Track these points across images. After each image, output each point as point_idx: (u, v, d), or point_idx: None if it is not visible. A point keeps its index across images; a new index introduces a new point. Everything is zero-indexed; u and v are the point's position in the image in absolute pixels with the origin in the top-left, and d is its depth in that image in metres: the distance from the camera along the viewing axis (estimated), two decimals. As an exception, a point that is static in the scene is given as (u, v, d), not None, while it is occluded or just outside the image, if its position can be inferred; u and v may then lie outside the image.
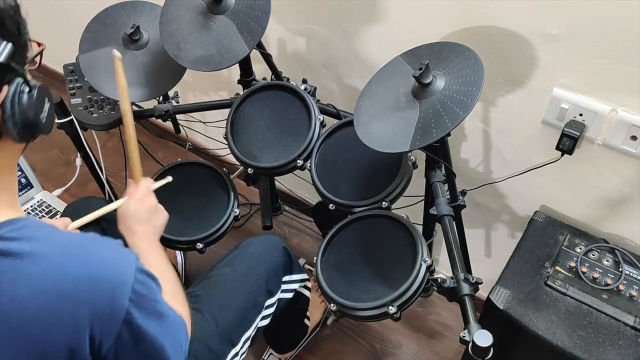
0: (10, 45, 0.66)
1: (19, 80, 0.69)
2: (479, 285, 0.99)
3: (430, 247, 1.19)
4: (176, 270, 1.69)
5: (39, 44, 0.80)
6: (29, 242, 0.68)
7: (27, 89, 0.70)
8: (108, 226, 1.19)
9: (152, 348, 0.77)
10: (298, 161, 1.23)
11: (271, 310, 1.21)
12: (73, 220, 1.09)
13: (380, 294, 1.02)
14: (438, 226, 1.15)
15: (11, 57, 0.66)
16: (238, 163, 1.29)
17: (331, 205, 1.19)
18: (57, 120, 1.40)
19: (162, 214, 1.10)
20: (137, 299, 0.72)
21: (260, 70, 1.40)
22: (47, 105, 0.74)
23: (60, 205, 1.82)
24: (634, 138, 1.04)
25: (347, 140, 1.23)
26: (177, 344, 0.83)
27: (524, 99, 1.15)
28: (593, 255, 1.16)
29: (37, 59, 0.81)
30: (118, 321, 0.71)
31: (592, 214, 1.22)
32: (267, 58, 1.32)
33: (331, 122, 1.29)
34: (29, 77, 0.73)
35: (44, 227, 0.73)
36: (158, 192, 1.37)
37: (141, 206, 1.07)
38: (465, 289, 0.98)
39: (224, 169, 1.41)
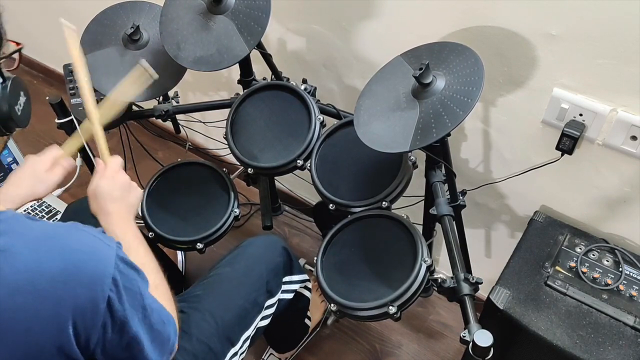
0: None
1: None
2: (479, 285, 0.99)
3: (430, 247, 1.19)
4: (177, 268, 1.69)
5: (17, 44, 0.79)
6: (2, 237, 0.66)
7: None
8: None
9: (135, 341, 0.75)
10: (298, 161, 1.23)
11: (271, 310, 1.21)
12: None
13: (381, 294, 1.02)
14: (438, 226, 1.15)
15: None
16: (238, 163, 1.29)
17: (331, 205, 1.19)
18: (57, 120, 1.40)
19: (136, 190, 1.04)
20: (118, 290, 0.70)
21: (260, 70, 1.40)
22: (22, 99, 0.73)
23: (60, 205, 1.82)
24: (634, 138, 1.04)
25: (347, 140, 1.23)
26: (165, 339, 0.81)
27: (524, 99, 1.15)
28: (593, 255, 1.16)
29: (16, 57, 0.81)
30: (100, 313, 0.69)
31: (592, 214, 1.22)
32: (267, 58, 1.32)
33: (331, 122, 1.29)
34: (3, 69, 0.72)
35: (17, 220, 0.70)
36: (156, 191, 1.38)
37: (113, 183, 0.99)
38: (465, 289, 0.98)
39: (224, 169, 1.41)
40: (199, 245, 1.29)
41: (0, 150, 0.77)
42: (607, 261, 1.15)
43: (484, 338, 0.86)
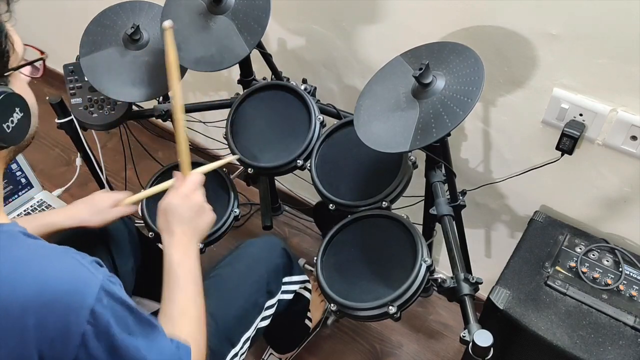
0: None
1: None
2: (479, 285, 0.99)
3: (430, 247, 1.20)
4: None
5: (42, 52, 0.77)
6: None
7: None
8: (110, 232, 1.19)
9: None
10: (298, 161, 1.23)
11: (271, 311, 1.21)
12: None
13: (380, 294, 1.02)
14: (438, 226, 1.15)
15: None
16: (238, 163, 1.29)
17: (331, 205, 1.19)
18: (57, 120, 1.40)
19: (208, 215, 1.00)
20: (97, 325, 0.65)
21: (260, 70, 1.40)
22: (16, 115, 0.69)
23: (61, 206, 1.82)
24: (634, 138, 1.04)
25: (347, 140, 1.23)
26: None
27: (524, 99, 1.15)
28: (593, 255, 1.16)
29: (40, 66, 0.79)
30: (72, 347, 0.64)
31: (592, 214, 1.22)
32: (267, 58, 1.32)
33: (331, 122, 1.29)
34: (11, 84, 0.70)
35: (10, 236, 0.68)
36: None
37: (185, 203, 0.96)
38: (465, 289, 0.98)
39: (224, 169, 1.40)
40: (199, 245, 1.29)
41: (6, 164, 0.76)
42: (607, 261, 1.15)
43: (484, 338, 0.86)
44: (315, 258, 1.13)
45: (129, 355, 0.71)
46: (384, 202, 1.13)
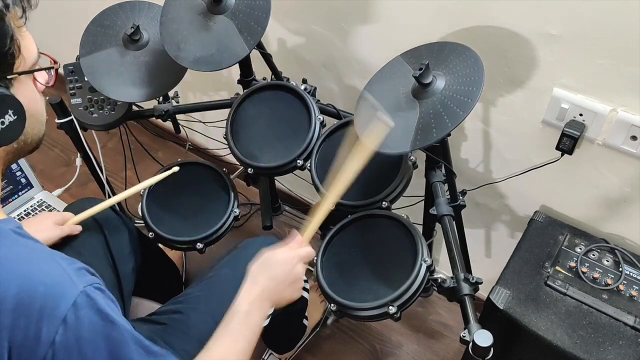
0: None
1: None
2: (479, 285, 0.99)
3: (430, 247, 1.20)
4: (177, 268, 1.69)
5: (55, 61, 0.78)
6: None
7: None
8: (109, 232, 1.19)
9: None
10: (298, 161, 1.23)
11: (269, 311, 1.20)
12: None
13: (381, 294, 1.02)
14: (438, 226, 1.15)
15: None
16: (238, 163, 1.29)
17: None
18: (57, 120, 1.40)
19: (297, 290, 0.98)
20: (66, 334, 0.63)
21: (260, 70, 1.40)
22: (8, 117, 0.70)
23: (60, 205, 1.82)
24: (634, 138, 1.04)
25: (347, 140, 1.23)
26: None
27: (524, 99, 1.15)
28: (593, 255, 1.16)
29: (52, 74, 0.79)
30: (39, 354, 0.62)
31: (592, 214, 1.22)
32: (267, 58, 1.32)
33: (331, 122, 1.29)
34: (14, 87, 0.71)
35: (1, 234, 0.68)
36: (156, 191, 1.37)
37: (286, 264, 0.94)
38: (465, 288, 0.98)
39: (224, 169, 1.41)
40: (199, 245, 1.29)
41: (5, 165, 0.76)
42: (607, 261, 1.15)
43: (484, 338, 0.87)
44: (315, 258, 1.13)
45: None
46: (384, 202, 1.13)
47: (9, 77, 0.70)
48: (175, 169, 1.24)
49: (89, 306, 0.66)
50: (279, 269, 0.94)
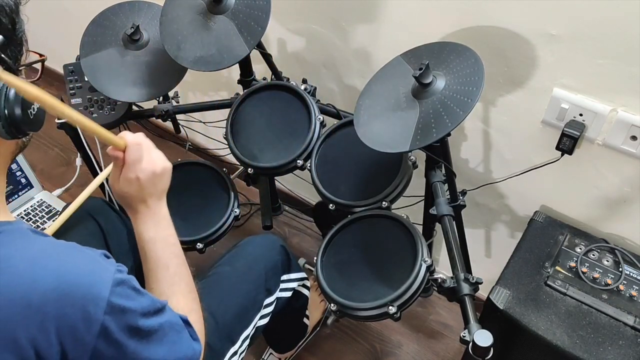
0: (1, 37, 0.66)
1: None
2: (479, 285, 0.99)
3: (430, 247, 1.19)
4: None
5: (41, 55, 0.79)
6: (3, 249, 0.67)
7: None
8: (108, 231, 1.19)
9: None
10: (298, 161, 1.23)
11: (270, 309, 1.21)
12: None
13: (381, 294, 1.02)
14: (438, 226, 1.15)
15: (2, 49, 0.66)
16: (238, 163, 1.29)
17: (331, 205, 1.19)
18: (57, 120, 1.40)
19: (165, 174, 0.94)
20: (114, 313, 0.69)
21: (260, 70, 1.40)
22: (33, 105, 0.73)
23: (60, 205, 1.82)
24: (634, 138, 1.04)
25: (347, 140, 1.23)
26: (179, 354, 0.78)
27: (524, 99, 1.15)
28: (593, 255, 1.16)
29: (39, 68, 0.81)
30: (92, 335, 0.67)
31: (592, 214, 1.22)
32: (267, 58, 1.32)
33: (331, 122, 1.29)
34: (22, 76, 0.73)
35: (21, 234, 0.71)
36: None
37: (133, 183, 0.91)
38: (465, 288, 0.98)
39: (224, 169, 1.40)
40: (199, 245, 1.29)
41: (13, 156, 0.78)
42: (607, 261, 1.15)
43: (484, 338, 0.86)
44: (315, 258, 1.13)
45: (152, 332, 0.74)
46: (384, 202, 1.13)
47: (20, 68, 0.73)
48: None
49: (122, 283, 0.72)
50: (131, 191, 0.91)
